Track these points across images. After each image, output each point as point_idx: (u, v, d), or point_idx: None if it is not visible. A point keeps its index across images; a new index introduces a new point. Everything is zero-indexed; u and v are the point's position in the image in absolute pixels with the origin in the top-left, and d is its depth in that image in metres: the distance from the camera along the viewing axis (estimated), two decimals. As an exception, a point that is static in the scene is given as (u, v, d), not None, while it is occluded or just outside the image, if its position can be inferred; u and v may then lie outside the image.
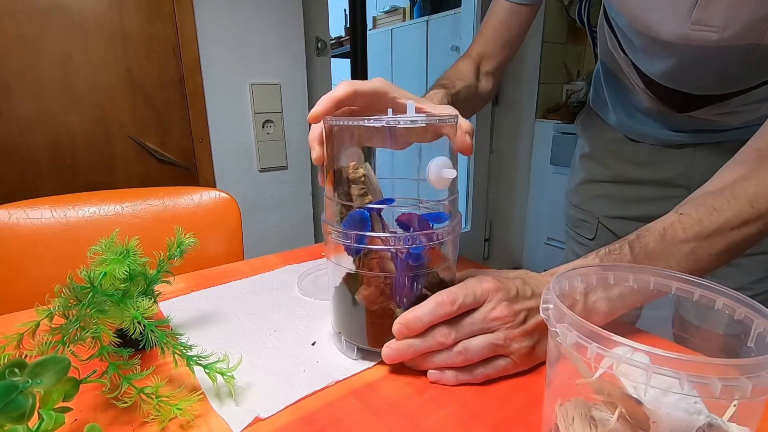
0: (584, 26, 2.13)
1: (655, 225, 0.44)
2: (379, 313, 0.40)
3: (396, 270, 0.39)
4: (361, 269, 0.40)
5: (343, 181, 0.40)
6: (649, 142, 0.73)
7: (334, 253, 0.42)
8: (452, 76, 0.67)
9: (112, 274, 0.36)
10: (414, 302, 0.39)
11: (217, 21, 1.44)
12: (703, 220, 0.42)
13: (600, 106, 0.80)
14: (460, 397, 0.37)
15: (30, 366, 0.27)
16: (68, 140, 1.30)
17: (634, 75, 0.66)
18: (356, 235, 0.38)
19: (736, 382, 0.21)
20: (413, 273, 0.39)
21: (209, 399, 0.37)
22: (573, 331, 0.25)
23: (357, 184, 0.39)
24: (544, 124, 2.35)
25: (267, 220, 1.68)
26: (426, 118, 0.38)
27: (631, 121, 0.73)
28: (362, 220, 0.38)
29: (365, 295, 0.40)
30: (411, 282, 0.40)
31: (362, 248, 0.39)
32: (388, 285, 0.40)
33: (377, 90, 0.42)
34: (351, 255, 0.40)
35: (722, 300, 0.30)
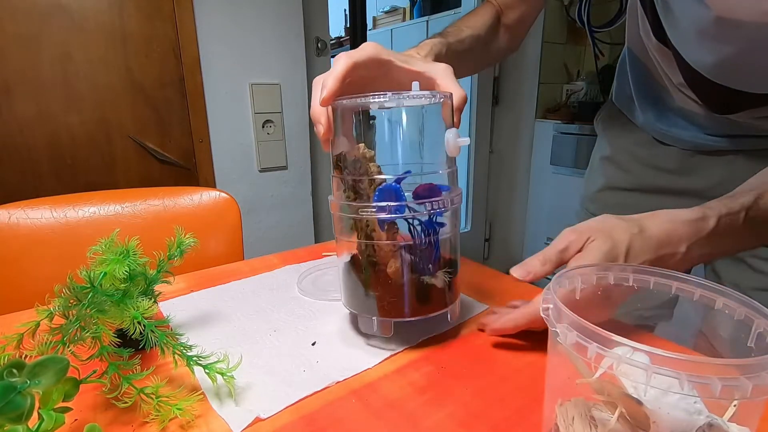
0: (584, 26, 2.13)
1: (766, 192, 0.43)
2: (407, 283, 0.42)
3: (421, 238, 0.42)
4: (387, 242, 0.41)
5: (350, 163, 0.41)
6: (681, 147, 0.64)
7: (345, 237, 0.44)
8: (462, 24, 0.61)
9: (112, 274, 0.36)
10: (439, 267, 0.43)
11: (217, 21, 1.44)
12: None
13: (624, 103, 0.71)
14: (460, 397, 0.37)
15: (29, 366, 0.27)
16: (68, 140, 1.30)
17: (671, 67, 0.58)
18: (392, 206, 0.39)
19: (736, 382, 0.21)
20: (436, 238, 0.43)
21: (209, 399, 0.37)
22: (573, 331, 0.25)
23: (373, 162, 0.41)
24: (544, 124, 2.35)
25: (267, 220, 1.68)
26: (429, 95, 0.41)
27: (661, 121, 0.65)
28: (395, 191, 0.40)
29: (396, 268, 0.41)
30: (436, 248, 0.43)
31: (397, 218, 0.40)
32: (419, 253, 0.42)
33: (372, 57, 0.43)
34: (382, 229, 0.41)
35: (722, 300, 0.30)
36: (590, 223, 0.43)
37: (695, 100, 0.58)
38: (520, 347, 0.44)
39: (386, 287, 0.42)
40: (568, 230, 0.42)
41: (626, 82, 0.69)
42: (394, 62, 0.44)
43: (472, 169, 2.50)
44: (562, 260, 0.42)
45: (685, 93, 0.59)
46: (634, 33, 0.62)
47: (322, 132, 0.42)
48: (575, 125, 2.15)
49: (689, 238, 0.41)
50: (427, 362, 0.42)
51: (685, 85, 0.58)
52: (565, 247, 0.41)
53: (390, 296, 0.42)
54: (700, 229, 0.41)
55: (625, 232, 0.40)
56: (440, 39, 0.56)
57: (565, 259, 0.41)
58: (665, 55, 0.57)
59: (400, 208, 0.40)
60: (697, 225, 0.41)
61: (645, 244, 0.40)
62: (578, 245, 0.41)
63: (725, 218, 0.41)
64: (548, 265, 0.42)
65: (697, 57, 0.54)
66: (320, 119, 0.42)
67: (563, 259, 0.42)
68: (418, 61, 0.45)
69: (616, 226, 0.41)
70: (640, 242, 0.40)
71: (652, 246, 0.40)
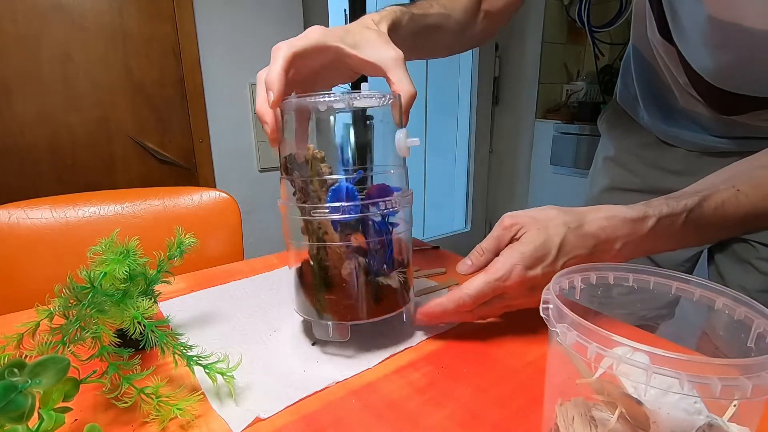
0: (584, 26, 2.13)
1: (712, 195, 0.43)
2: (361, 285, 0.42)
3: (374, 239, 0.42)
4: (340, 244, 0.41)
5: (300, 165, 0.41)
6: (686, 148, 0.64)
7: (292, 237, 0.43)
8: (434, 0, 0.57)
9: (112, 274, 0.36)
10: (393, 267, 0.43)
11: (217, 21, 1.44)
12: (758, 204, 0.42)
13: (629, 102, 0.71)
14: (460, 397, 0.37)
15: (29, 366, 0.27)
16: (68, 140, 1.30)
17: (677, 67, 0.58)
18: (346, 206, 0.39)
19: (736, 382, 0.21)
20: (389, 239, 0.42)
21: (209, 399, 0.37)
22: (573, 331, 0.25)
23: (324, 163, 0.40)
24: (544, 124, 2.35)
25: (267, 220, 1.68)
26: (379, 96, 0.41)
27: (666, 122, 0.65)
28: (348, 191, 0.39)
29: (351, 270, 0.41)
30: (389, 248, 0.43)
31: (352, 219, 0.39)
32: (373, 254, 0.42)
33: (317, 45, 0.41)
34: (335, 230, 0.41)
35: (722, 300, 0.30)
36: (530, 212, 0.43)
37: (700, 100, 0.58)
38: (520, 347, 0.44)
39: (340, 290, 0.41)
40: (507, 216, 0.43)
41: (631, 82, 0.68)
42: (341, 48, 0.41)
43: (472, 169, 2.50)
44: (498, 249, 0.42)
45: (690, 93, 0.58)
46: (640, 31, 0.62)
47: (268, 132, 0.41)
48: (575, 125, 2.15)
49: (625, 237, 0.41)
50: (427, 362, 0.42)
51: (690, 85, 0.57)
52: (500, 236, 0.42)
53: (345, 299, 0.41)
54: (638, 230, 0.41)
55: (562, 225, 0.40)
56: (403, 8, 0.52)
57: (500, 248, 0.42)
58: (670, 53, 0.57)
59: (354, 208, 0.39)
60: (636, 225, 0.41)
61: (579, 240, 0.40)
62: (511, 234, 0.42)
63: (665, 219, 0.41)
64: (486, 255, 0.43)
65: (700, 61, 0.54)
66: (266, 119, 0.40)
67: (499, 247, 0.42)
68: (367, 45, 0.42)
69: (555, 219, 0.41)
70: (574, 237, 0.40)
71: (586, 242, 0.40)
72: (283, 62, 0.39)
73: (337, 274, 0.41)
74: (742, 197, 0.42)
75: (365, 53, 0.42)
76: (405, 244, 0.45)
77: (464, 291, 0.40)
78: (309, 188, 0.40)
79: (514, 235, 0.42)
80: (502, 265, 0.40)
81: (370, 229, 0.41)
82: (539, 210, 0.43)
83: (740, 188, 0.43)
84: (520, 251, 0.40)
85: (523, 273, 0.39)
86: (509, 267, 0.39)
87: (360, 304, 0.42)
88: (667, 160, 0.66)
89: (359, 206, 0.39)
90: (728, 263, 0.65)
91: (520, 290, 0.41)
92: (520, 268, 0.39)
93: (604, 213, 0.42)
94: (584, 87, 2.31)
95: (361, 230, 0.41)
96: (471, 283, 0.40)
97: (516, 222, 0.42)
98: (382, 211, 0.40)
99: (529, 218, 0.42)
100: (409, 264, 0.45)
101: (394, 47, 0.43)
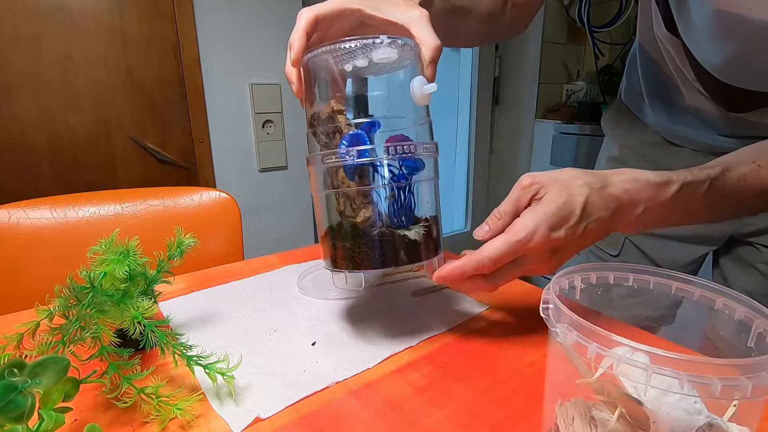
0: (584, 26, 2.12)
1: (734, 168, 0.42)
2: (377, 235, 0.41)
3: (391, 186, 0.41)
4: (354, 189, 0.40)
5: (323, 120, 0.41)
6: (692, 147, 0.63)
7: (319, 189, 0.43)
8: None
9: (112, 274, 0.36)
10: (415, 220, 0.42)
11: (217, 21, 1.44)
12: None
13: (634, 101, 0.70)
14: (460, 397, 0.37)
15: (29, 366, 0.27)
16: (68, 140, 1.30)
17: (683, 62, 0.57)
18: (356, 151, 0.38)
19: (736, 382, 0.21)
20: (409, 187, 0.41)
21: (209, 399, 0.37)
22: (573, 331, 0.25)
23: (342, 115, 0.41)
24: (544, 124, 2.35)
25: (267, 220, 1.68)
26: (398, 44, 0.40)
27: (672, 120, 0.64)
28: (359, 136, 0.39)
29: (366, 218, 0.40)
30: (409, 199, 0.42)
31: (364, 164, 0.39)
32: (391, 203, 0.41)
33: (338, 8, 0.41)
34: (349, 177, 0.40)
35: (722, 300, 0.30)
36: (550, 172, 0.41)
37: (707, 97, 0.57)
38: (520, 347, 0.44)
39: (356, 239, 0.41)
40: (526, 176, 0.41)
41: (636, 79, 0.68)
42: (363, 10, 0.41)
43: (472, 169, 2.50)
44: (516, 211, 0.40)
45: (698, 89, 0.57)
46: (646, 27, 0.61)
47: (295, 91, 0.42)
48: (575, 125, 2.14)
49: (647, 201, 0.40)
50: (427, 362, 0.42)
51: (697, 80, 0.57)
52: (518, 197, 0.40)
53: (360, 247, 0.41)
54: (660, 195, 0.40)
55: (585, 185, 0.39)
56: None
57: (519, 210, 0.40)
58: (677, 47, 0.56)
59: (364, 153, 0.38)
60: (658, 190, 0.40)
61: (602, 202, 0.39)
62: (530, 195, 0.40)
63: (688, 187, 0.40)
64: (504, 218, 0.40)
65: (706, 55, 0.53)
66: (292, 78, 0.41)
67: (517, 210, 0.40)
68: (391, 7, 0.42)
69: (577, 179, 0.39)
70: (597, 198, 0.39)
71: (609, 204, 0.39)
72: (304, 24, 0.40)
73: (353, 222, 0.41)
74: (763, 172, 0.42)
75: (388, 14, 0.41)
76: (429, 196, 0.43)
77: (484, 253, 0.38)
78: (330, 141, 0.40)
79: (533, 196, 0.40)
80: (525, 225, 0.38)
81: (386, 178, 0.40)
82: (559, 171, 0.41)
83: (761, 164, 0.42)
84: (543, 211, 0.38)
85: (546, 234, 0.37)
86: (532, 228, 0.37)
87: (375, 253, 0.40)
88: (672, 159, 0.65)
89: (368, 150, 0.38)
90: (732, 267, 0.65)
91: (541, 253, 0.39)
92: (544, 228, 0.37)
93: (627, 176, 0.40)
94: (584, 87, 2.31)
95: (372, 176, 0.40)
96: (491, 244, 0.38)
97: (536, 181, 0.40)
98: (395, 156, 0.39)
99: (550, 178, 0.40)
100: (436, 219, 0.43)
101: (419, 8, 0.42)
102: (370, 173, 0.41)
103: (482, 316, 0.50)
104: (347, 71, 0.42)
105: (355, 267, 0.41)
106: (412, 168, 0.42)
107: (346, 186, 0.40)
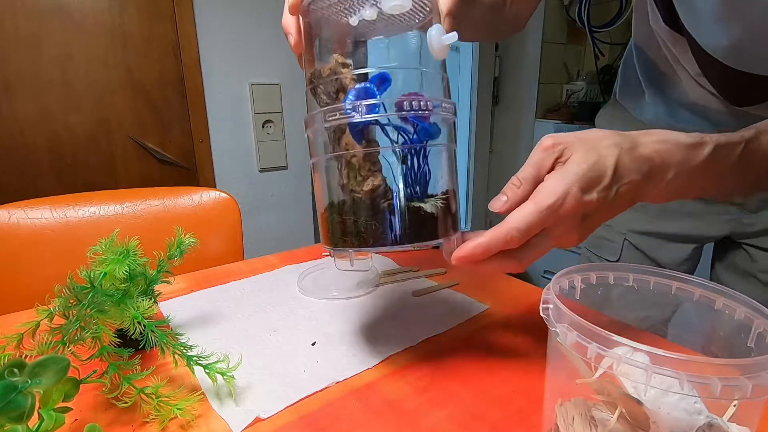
0: (584, 26, 2.13)
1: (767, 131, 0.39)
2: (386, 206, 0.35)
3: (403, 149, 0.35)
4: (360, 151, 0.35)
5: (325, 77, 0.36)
6: None
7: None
8: None
9: (112, 274, 0.36)
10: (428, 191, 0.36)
11: (217, 21, 1.44)
12: None
13: (630, 99, 0.69)
14: (460, 398, 0.37)
15: (30, 366, 0.27)
16: (68, 140, 1.30)
17: (686, 57, 0.55)
18: (364, 105, 0.33)
19: (737, 382, 0.21)
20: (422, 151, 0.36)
21: (209, 399, 0.37)
22: (573, 331, 0.25)
23: (347, 68, 0.36)
24: (544, 124, 2.34)
25: (267, 220, 1.68)
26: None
27: (672, 117, 0.63)
28: (366, 90, 0.34)
29: (373, 186, 0.34)
30: (423, 165, 0.36)
31: (373, 123, 0.34)
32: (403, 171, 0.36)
33: None
34: (356, 139, 0.35)
35: (722, 300, 0.30)
36: (574, 133, 0.37)
37: (712, 92, 0.56)
38: (520, 347, 0.44)
39: (362, 210, 0.35)
40: (547, 137, 0.36)
41: (634, 78, 0.66)
42: None
43: (472, 169, 2.50)
44: (538, 176, 0.36)
45: (702, 84, 0.56)
46: (642, 26, 0.59)
47: (292, 44, 0.38)
48: (575, 125, 2.14)
49: (678, 165, 0.36)
50: (427, 362, 0.42)
51: (701, 74, 0.55)
52: (540, 161, 0.36)
53: (366, 220, 0.35)
54: (692, 158, 0.37)
55: (615, 146, 0.35)
56: None
57: (541, 175, 0.36)
58: (678, 43, 0.54)
59: (374, 108, 0.33)
60: (691, 152, 0.37)
61: (634, 163, 0.35)
62: (554, 157, 0.35)
63: (722, 149, 0.37)
64: (525, 186, 0.36)
65: (712, 39, 0.50)
66: (290, 30, 0.37)
67: (539, 175, 0.36)
68: None
69: (604, 139, 0.36)
70: (628, 160, 0.35)
71: (641, 166, 0.35)
72: None
73: (358, 191, 0.35)
74: None
75: None
76: (446, 166, 0.38)
77: (510, 225, 0.33)
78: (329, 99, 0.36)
79: (557, 158, 0.35)
80: (554, 189, 0.33)
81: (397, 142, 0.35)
82: (583, 131, 0.37)
83: None
84: (573, 172, 0.33)
85: (579, 196, 0.33)
86: (563, 190, 0.33)
87: (385, 228, 0.35)
88: None
89: (378, 106, 0.33)
90: (732, 277, 0.64)
91: (573, 220, 0.35)
92: (576, 190, 0.33)
93: (657, 136, 0.37)
94: (584, 87, 2.31)
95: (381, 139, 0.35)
96: (518, 214, 0.34)
97: (559, 142, 0.35)
98: (409, 111, 0.34)
99: (575, 138, 0.36)
100: (452, 192, 0.38)
101: None
102: (377, 135, 0.35)
103: (482, 316, 0.50)
104: (353, 26, 0.37)
105: (362, 244, 0.35)
106: (427, 131, 0.37)
107: (349, 145, 0.35)
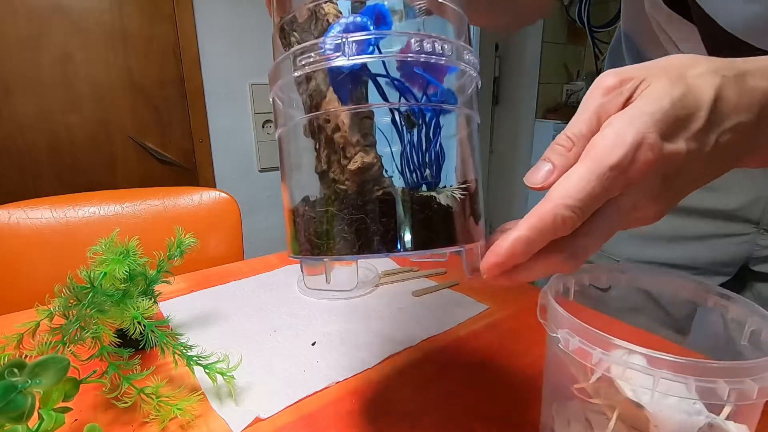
0: (584, 26, 2.13)
1: None
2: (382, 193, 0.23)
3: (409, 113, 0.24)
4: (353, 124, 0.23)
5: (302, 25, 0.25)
6: None
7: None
8: None
9: (112, 274, 0.36)
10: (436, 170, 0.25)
11: (217, 21, 1.44)
12: None
13: None
14: (460, 398, 0.37)
15: (30, 366, 0.27)
16: (68, 140, 1.30)
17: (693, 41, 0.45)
18: (352, 41, 0.22)
19: (741, 385, 0.21)
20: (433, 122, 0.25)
21: (209, 399, 0.37)
22: (574, 336, 0.25)
23: (331, 4, 0.25)
24: (544, 124, 2.35)
25: (267, 220, 1.68)
26: None
27: None
28: (357, 23, 0.23)
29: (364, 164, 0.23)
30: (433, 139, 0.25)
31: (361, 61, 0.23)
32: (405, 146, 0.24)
33: None
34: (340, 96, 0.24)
35: (714, 299, 0.30)
36: (646, 63, 0.25)
37: None
38: (519, 347, 0.44)
39: (346, 201, 0.23)
40: (607, 74, 0.24)
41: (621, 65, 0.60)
42: None
43: (472, 169, 2.50)
44: (593, 128, 0.24)
45: None
46: (632, 14, 0.51)
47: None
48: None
49: None
50: (427, 362, 0.42)
51: None
52: (601, 106, 0.24)
53: (353, 213, 0.22)
54: None
55: (712, 73, 0.23)
56: None
57: (596, 126, 0.24)
58: (683, 29, 0.45)
59: (366, 45, 0.22)
60: None
61: (744, 97, 0.23)
62: (622, 99, 0.24)
63: None
64: (579, 145, 0.24)
65: (732, 12, 0.40)
66: None
67: (595, 126, 0.24)
68: None
69: (696, 64, 0.24)
70: (735, 92, 0.23)
71: (754, 102, 0.23)
72: None
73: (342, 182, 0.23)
74: None
75: None
76: (467, 143, 0.28)
77: (559, 200, 0.22)
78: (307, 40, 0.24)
79: (628, 98, 0.24)
80: (619, 138, 0.22)
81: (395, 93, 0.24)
82: (663, 58, 0.25)
83: None
84: (648, 111, 0.22)
85: (658, 145, 0.22)
86: (633, 139, 0.21)
87: (378, 227, 0.22)
88: None
89: (372, 42, 0.22)
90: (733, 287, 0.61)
91: (651, 183, 0.23)
92: (652, 137, 0.22)
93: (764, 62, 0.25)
94: (584, 87, 2.31)
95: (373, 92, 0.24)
96: (569, 182, 0.22)
97: (630, 77, 0.24)
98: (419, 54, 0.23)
99: (656, 66, 0.24)
100: (475, 182, 0.26)
101: None
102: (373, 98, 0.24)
103: (482, 316, 0.50)
104: None
105: (346, 250, 0.23)
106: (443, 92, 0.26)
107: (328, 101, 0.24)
